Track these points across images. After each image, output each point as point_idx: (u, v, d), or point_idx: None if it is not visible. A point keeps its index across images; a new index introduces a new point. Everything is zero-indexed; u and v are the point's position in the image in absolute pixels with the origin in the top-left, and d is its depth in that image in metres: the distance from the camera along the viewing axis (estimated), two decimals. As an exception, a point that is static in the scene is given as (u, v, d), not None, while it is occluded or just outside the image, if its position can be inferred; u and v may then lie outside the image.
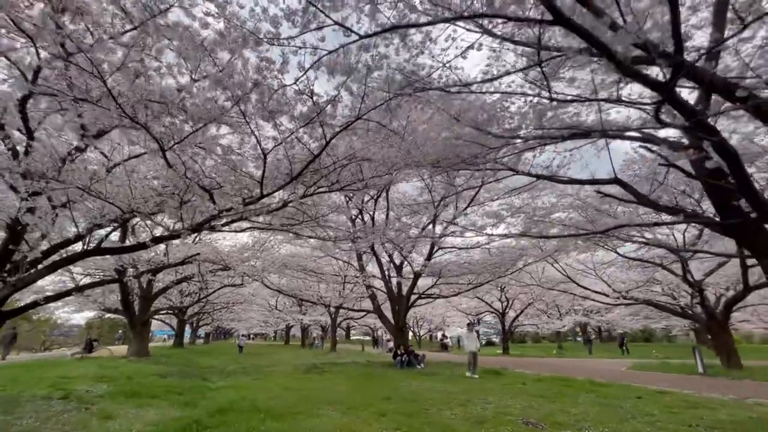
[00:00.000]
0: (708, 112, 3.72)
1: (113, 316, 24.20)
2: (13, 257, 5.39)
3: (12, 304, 8.33)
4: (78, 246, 6.39)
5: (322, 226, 8.56)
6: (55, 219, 5.56)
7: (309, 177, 5.74)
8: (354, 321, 38.39)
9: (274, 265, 14.06)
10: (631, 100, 4.39)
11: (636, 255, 14.35)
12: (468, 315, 34.31)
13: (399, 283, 15.54)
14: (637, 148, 7.35)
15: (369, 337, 50.41)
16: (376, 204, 14.00)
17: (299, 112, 4.14)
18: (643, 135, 5.37)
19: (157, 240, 5.94)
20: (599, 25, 3.76)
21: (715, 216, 5.41)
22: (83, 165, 4.28)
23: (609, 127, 5.07)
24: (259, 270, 13.76)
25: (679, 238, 12.46)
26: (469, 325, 12.46)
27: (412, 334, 41.33)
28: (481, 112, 6.12)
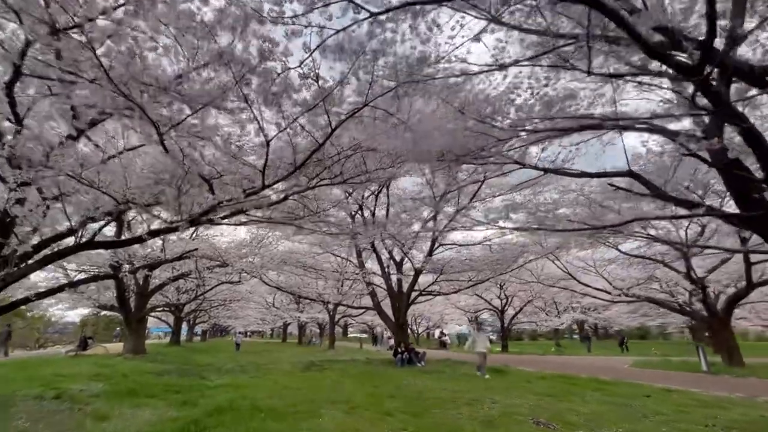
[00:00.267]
0: (735, 99, 3.54)
1: (109, 313, 23.89)
2: (2, 251, 5.16)
3: (6, 300, 8.11)
4: (71, 240, 6.16)
5: (323, 220, 8.35)
6: (46, 212, 5.33)
7: (312, 168, 5.53)
8: (352, 318, 38.26)
9: (272, 261, 13.83)
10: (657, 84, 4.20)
11: (638, 252, 14.29)
12: (466, 312, 34.17)
13: (399, 279, 15.36)
14: (646, 141, 7.26)
15: (366, 335, 50.35)
16: (376, 200, 13.80)
17: (303, 98, 3.94)
18: (655, 126, 5.21)
19: (153, 233, 5.71)
20: (619, 7, 3.62)
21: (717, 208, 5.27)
22: (74, 151, 4.04)
23: (623, 117, 4.90)
24: (258, 266, 13.52)
25: (681, 235, 12.35)
26: (480, 324, 11.98)
27: (410, 331, 41.21)
28: (486, 105, 5.93)
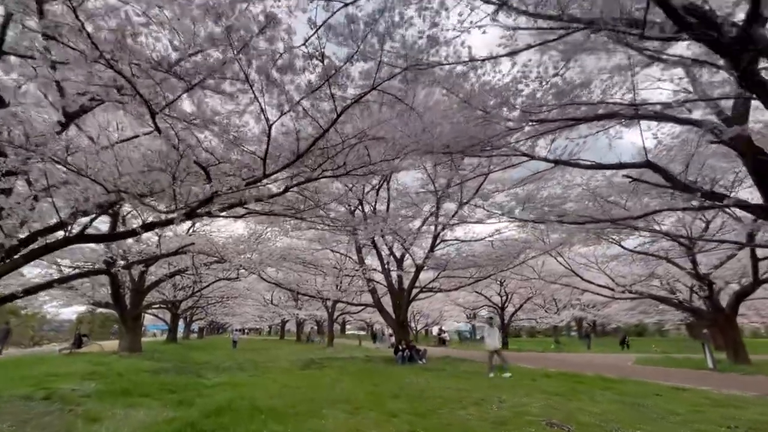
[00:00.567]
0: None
1: (105, 310, 23.55)
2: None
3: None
4: (61, 234, 5.88)
5: (324, 214, 8.09)
6: (34, 204, 5.05)
7: (314, 159, 5.27)
8: (350, 315, 38.06)
9: (271, 257, 13.56)
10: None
11: (641, 249, 14.13)
12: (466, 309, 34.05)
13: (400, 276, 15.14)
14: (656, 134, 7.06)
15: (364, 332, 50.20)
16: (377, 194, 13.56)
17: (308, 80, 3.68)
18: (678, 115, 4.99)
19: (148, 227, 5.45)
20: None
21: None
22: (61, 137, 3.77)
23: (642, 104, 4.68)
24: (257, 263, 13.24)
25: (687, 231, 12.18)
26: (490, 319, 11.50)
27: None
28: (492, 96, 5.69)
